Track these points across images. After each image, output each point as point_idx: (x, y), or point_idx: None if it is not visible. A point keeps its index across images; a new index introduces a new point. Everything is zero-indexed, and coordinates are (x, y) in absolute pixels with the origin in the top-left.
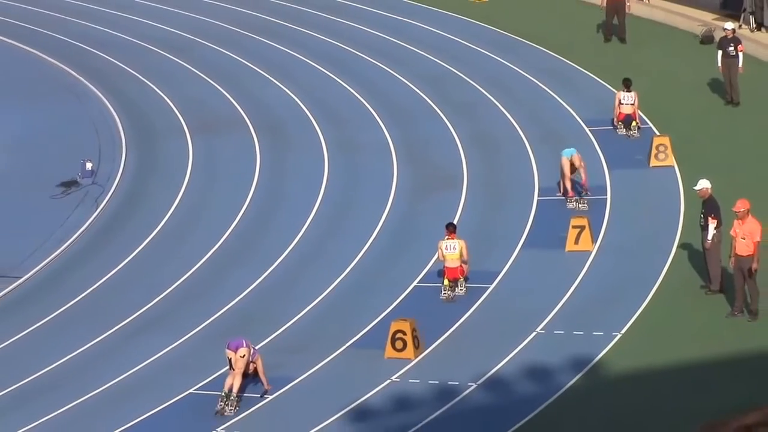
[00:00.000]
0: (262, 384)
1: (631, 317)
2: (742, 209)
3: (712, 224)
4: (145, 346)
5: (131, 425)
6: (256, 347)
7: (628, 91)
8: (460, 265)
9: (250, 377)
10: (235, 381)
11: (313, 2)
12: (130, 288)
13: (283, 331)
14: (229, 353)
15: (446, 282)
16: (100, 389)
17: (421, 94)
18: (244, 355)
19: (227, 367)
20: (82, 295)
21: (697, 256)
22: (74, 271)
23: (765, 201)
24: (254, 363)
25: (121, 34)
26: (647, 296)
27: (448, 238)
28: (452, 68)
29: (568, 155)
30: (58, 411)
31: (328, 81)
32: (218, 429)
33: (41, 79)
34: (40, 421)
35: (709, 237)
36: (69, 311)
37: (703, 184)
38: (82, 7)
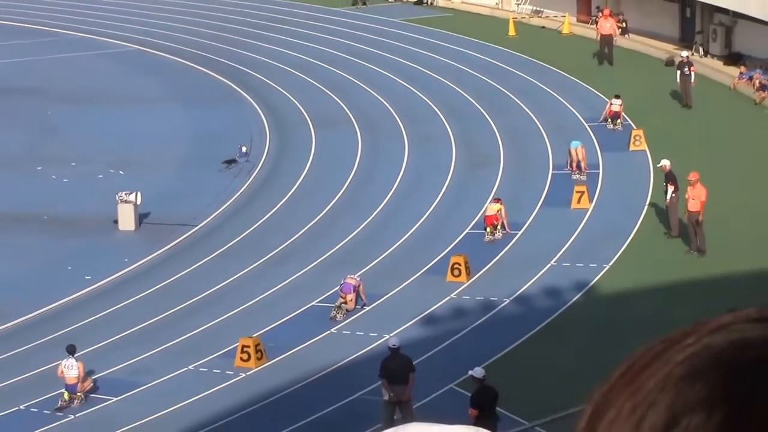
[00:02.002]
0: (362, 299)
1: (617, 253)
2: (693, 179)
3: (670, 189)
4: (283, 272)
5: (272, 327)
6: (357, 275)
7: (617, 98)
8: (496, 215)
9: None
10: (348, 297)
11: (396, 37)
12: (273, 232)
13: (377, 262)
14: (342, 294)
15: (488, 228)
16: (250, 303)
17: (470, 99)
18: (352, 299)
19: (338, 288)
20: (239, 237)
21: (661, 212)
22: (233, 221)
23: (709, 173)
24: (357, 288)
25: (266, 59)
26: (627, 239)
27: (494, 202)
28: (492, 82)
29: (575, 146)
30: (220, 319)
31: (407, 91)
32: (332, 330)
33: (214, 91)
34: (206, 326)
35: (668, 198)
36: (230, 248)
37: (664, 162)
38: (239, 42)
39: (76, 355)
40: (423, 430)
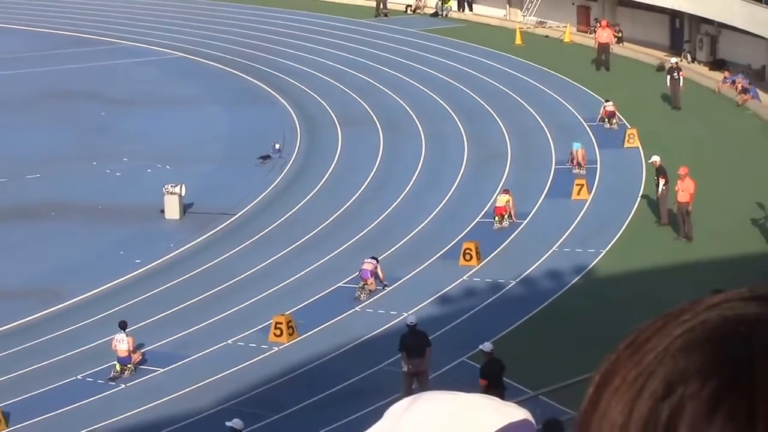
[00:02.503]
0: (381, 279)
1: (612, 240)
2: (683, 173)
3: (662, 181)
4: (312, 256)
5: (303, 306)
6: (379, 258)
7: (608, 101)
8: (504, 206)
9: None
10: (369, 281)
11: (414, 45)
12: (303, 221)
13: (397, 248)
14: (362, 279)
15: (496, 217)
16: (283, 284)
17: (481, 101)
18: (371, 282)
19: (360, 271)
20: (273, 225)
21: (652, 203)
22: (268, 210)
23: (696, 168)
24: (375, 271)
25: (297, 65)
26: (622, 227)
27: (503, 194)
28: (500, 86)
29: (576, 147)
30: (255, 298)
31: (424, 94)
32: (356, 308)
33: (250, 94)
34: (243, 304)
35: (659, 190)
36: (265, 235)
37: (655, 158)
38: (274, 50)
39: (126, 331)
40: (439, 398)
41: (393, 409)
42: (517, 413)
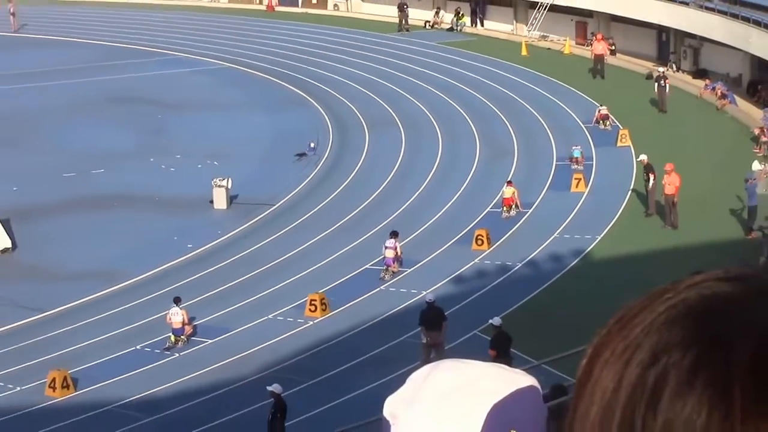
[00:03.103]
0: (399, 257)
1: (606, 227)
2: (669, 168)
3: (651, 177)
4: (343, 241)
5: (334, 285)
6: (401, 243)
7: (603, 105)
8: (511, 197)
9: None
10: (392, 266)
11: (432, 56)
12: (335, 210)
13: (416, 234)
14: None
15: (504, 207)
16: (317, 266)
17: (491, 105)
18: (394, 266)
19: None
20: (308, 214)
21: (641, 195)
22: (304, 201)
23: (681, 164)
24: (396, 258)
25: (330, 74)
26: (615, 216)
27: (507, 187)
28: (507, 92)
29: (576, 154)
30: (293, 278)
31: (441, 99)
32: (381, 287)
33: (288, 99)
34: (282, 284)
35: (649, 185)
36: (301, 223)
37: (643, 157)
38: (309, 60)
39: (180, 306)
40: (456, 365)
41: (415, 376)
42: (524, 380)
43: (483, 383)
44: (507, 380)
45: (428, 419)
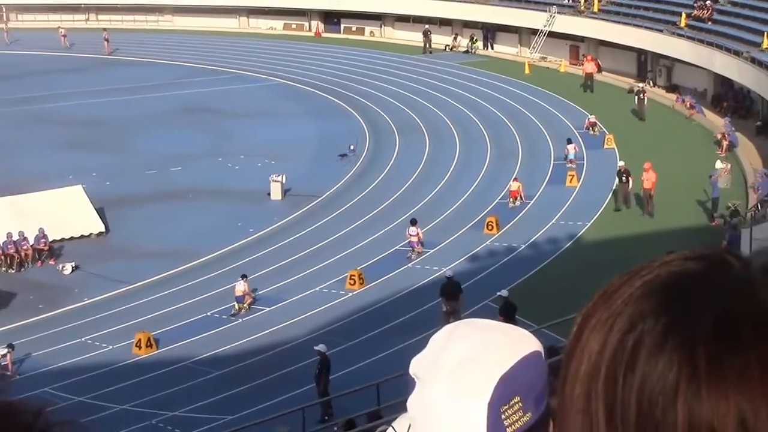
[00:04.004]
0: (420, 240)
1: (595, 215)
2: (647, 166)
3: (630, 179)
4: (377, 227)
5: (370, 263)
6: (423, 229)
7: (592, 114)
8: (516, 190)
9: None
10: (416, 248)
11: (451, 74)
12: (370, 201)
13: (438, 221)
14: (411, 246)
15: (511, 199)
16: (355, 247)
17: (500, 114)
18: (418, 248)
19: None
20: (348, 204)
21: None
22: (344, 194)
23: (657, 163)
24: (418, 243)
25: (367, 89)
26: (601, 207)
27: (513, 182)
28: (513, 103)
29: (572, 156)
30: (336, 257)
31: (459, 110)
32: (408, 265)
33: (333, 110)
34: (327, 262)
35: (630, 184)
36: (343, 212)
37: (621, 163)
38: (350, 77)
39: (244, 280)
40: (470, 333)
41: (436, 337)
42: (529, 345)
43: (492, 354)
44: (513, 349)
45: (444, 389)
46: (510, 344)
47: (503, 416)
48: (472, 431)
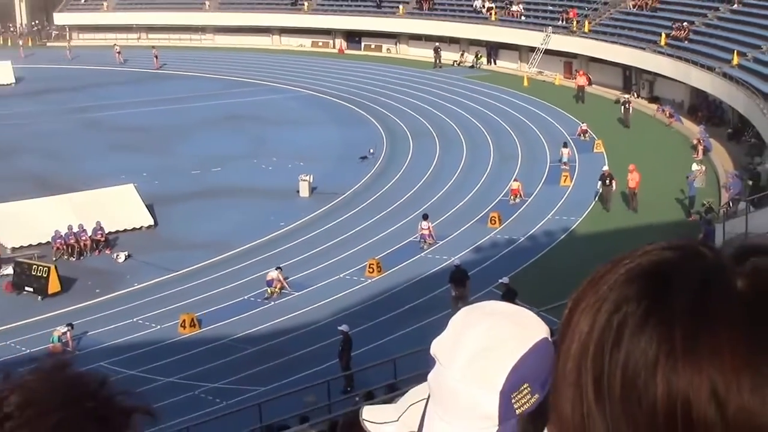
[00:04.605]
0: (432, 234)
1: (586, 211)
2: (632, 168)
3: (614, 181)
4: (393, 221)
5: (386, 253)
6: (434, 223)
7: (583, 123)
8: (517, 189)
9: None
10: (428, 240)
11: (459, 86)
12: (387, 198)
13: (446, 216)
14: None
15: (512, 196)
16: (374, 239)
17: (502, 122)
18: (430, 240)
19: (420, 235)
20: (368, 201)
21: (609, 190)
22: (365, 192)
23: (641, 165)
24: (430, 235)
25: (384, 99)
26: (592, 203)
27: (514, 181)
28: (514, 112)
29: (566, 159)
30: (356, 248)
31: (466, 118)
32: (421, 255)
33: (355, 118)
34: (348, 252)
35: (613, 187)
36: (363, 207)
37: (605, 168)
38: (370, 89)
39: (279, 270)
40: (485, 320)
41: (455, 320)
42: (537, 332)
43: (505, 346)
44: (524, 339)
45: (459, 376)
46: (520, 334)
47: (513, 401)
48: (484, 416)
